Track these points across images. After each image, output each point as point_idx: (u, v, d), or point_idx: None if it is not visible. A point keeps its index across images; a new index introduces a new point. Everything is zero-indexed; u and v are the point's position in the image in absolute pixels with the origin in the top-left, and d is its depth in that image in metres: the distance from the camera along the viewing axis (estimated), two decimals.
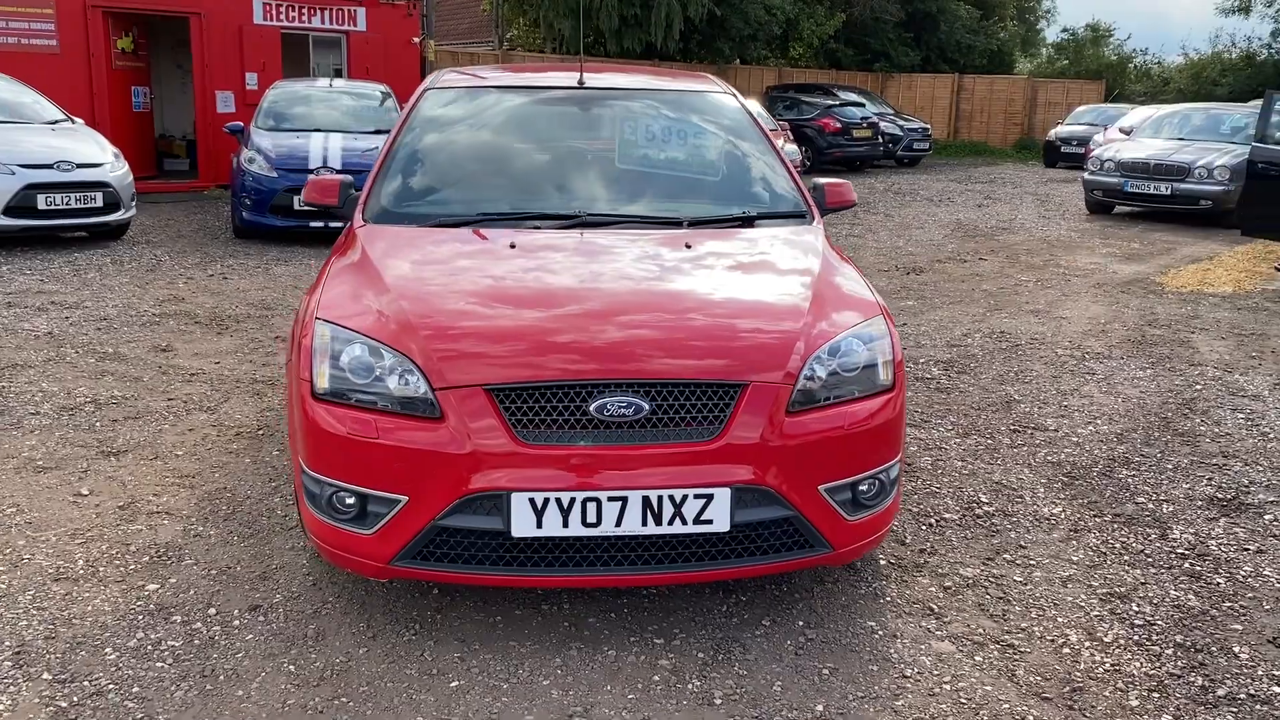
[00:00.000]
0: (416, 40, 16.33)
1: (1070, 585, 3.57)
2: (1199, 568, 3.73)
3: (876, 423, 3.16)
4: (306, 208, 10.07)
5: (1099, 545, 3.89)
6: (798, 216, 4.03)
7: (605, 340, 3.03)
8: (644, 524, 2.90)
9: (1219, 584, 3.61)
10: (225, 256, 9.58)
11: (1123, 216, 14.96)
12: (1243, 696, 2.95)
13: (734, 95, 4.72)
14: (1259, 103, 19.44)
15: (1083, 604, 3.45)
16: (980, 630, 3.26)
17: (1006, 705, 2.87)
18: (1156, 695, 2.94)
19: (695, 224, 3.87)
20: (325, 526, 3.10)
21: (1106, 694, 2.94)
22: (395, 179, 4.08)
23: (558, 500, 2.86)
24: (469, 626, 3.20)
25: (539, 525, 2.88)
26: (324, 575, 3.51)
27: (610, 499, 2.87)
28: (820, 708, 2.83)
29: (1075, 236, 12.81)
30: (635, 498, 2.88)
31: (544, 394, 2.91)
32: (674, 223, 3.88)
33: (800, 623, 3.26)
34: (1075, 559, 3.77)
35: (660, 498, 2.89)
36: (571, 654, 3.06)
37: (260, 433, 4.89)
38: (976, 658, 3.11)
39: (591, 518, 2.88)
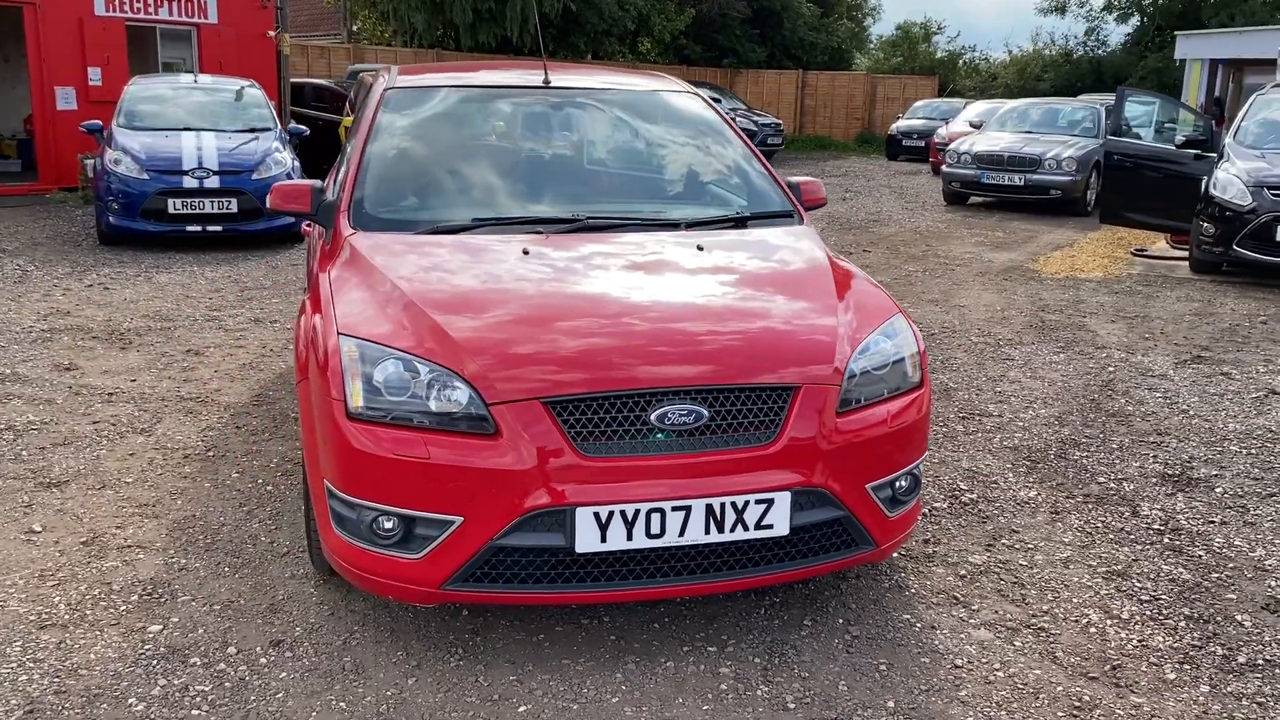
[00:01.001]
0: (272, 34, 15.65)
1: (1072, 566, 3.72)
2: (1177, 542, 3.95)
3: (912, 419, 3.21)
4: (183, 211, 9.57)
5: (1083, 526, 4.07)
6: (785, 216, 4.06)
7: (661, 347, 2.98)
8: (706, 532, 2.87)
9: (1200, 556, 3.83)
10: (98, 265, 8.96)
11: (978, 206, 15.68)
12: (1260, 662, 3.13)
13: (699, 95, 4.71)
14: (1088, 97, 20.75)
15: (1089, 584, 3.60)
16: (1009, 616, 3.36)
17: (1060, 687, 2.97)
18: (1188, 667, 3.09)
19: (692, 225, 3.84)
20: (362, 553, 2.94)
21: (1144, 669, 3.08)
22: (378, 184, 3.89)
23: (622, 513, 2.80)
24: (515, 647, 3.09)
25: (603, 540, 2.81)
26: (339, 603, 3.33)
27: (674, 509, 2.83)
28: (891, 704, 2.86)
29: (943, 227, 13.35)
30: (699, 506, 2.84)
31: (602, 404, 2.84)
32: (672, 224, 3.84)
33: (840, 621, 3.29)
34: (1067, 540, 3.94)
35: (723, 505, 2.86)
36: (630, 668, 3.00)
37: (210, 454, 4.61)
38: (1015, 643, 3.20)
39: (655, 529, 2.83)
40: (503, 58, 22.61)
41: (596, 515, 2.79)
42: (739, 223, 3.94)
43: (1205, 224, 9.62)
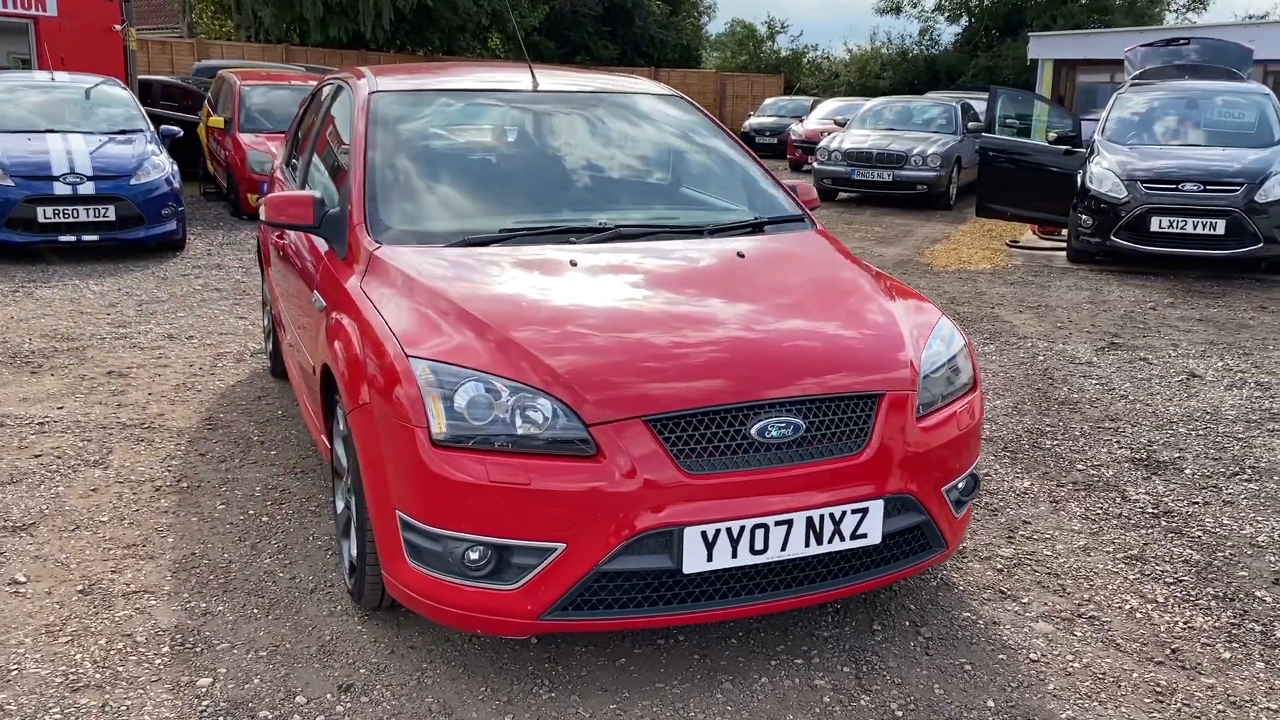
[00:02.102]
0: (118, 27, 14.71)
1: (1092, 554, 3.87)
2: (1174, 524, 4.15)
3: (976, 420, 3.27)
4: (55, 220, 8.91)
5: (1085, 514, 4.23)
6: (796, 220, 4.06)
7: (753, 359, 2.93)
8: (806, 545, 2.84)
9: (1200, 537, 4.05)
10: None
11: (847, 202, 16.15)
12: None
13: (685, 99, 4.67)
14: (935, 95, 21.65)
15: (1114, 570, 3.75)
16: (1058, 607, 3.46)
17: (1135, 674, 3.08)
18: (1237, 645, 3.25)
19: (715, 231, 3.80)
20: (445, 586, 2.79)
21: (1199, 649, 3.22)
22: (392, 195, 3.69)
23: (728, 531, 2.75)
24: (601, 674, 2.99)
25: (709, 559, 2.75)
26: (395, 640, 3.15)
27: (777, 523, 2.79)
28: (990, 703, 2.91)
29: (822, 222, 13.65)
30: (800, 519, 2.81)
31: (702, 420, 2.77)
32: (695, 230, 3.79)
33: (906, 623, 3.32)
34: (1076, 528, 4.09)
35: (822, 517, 2.84)
36: (727, 687, 2.95)
37: (183, 486, 4.28)
38: (1075, 633, 3.30)
39: (759, 545, 2.79)
40: (353, 52, 21.94)
41: (704, 534, 2.73)
42: (756, 228, 3.91)
43: (1083, 216, 10.16)
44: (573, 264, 3.33)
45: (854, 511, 2.87)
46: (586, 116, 4.34)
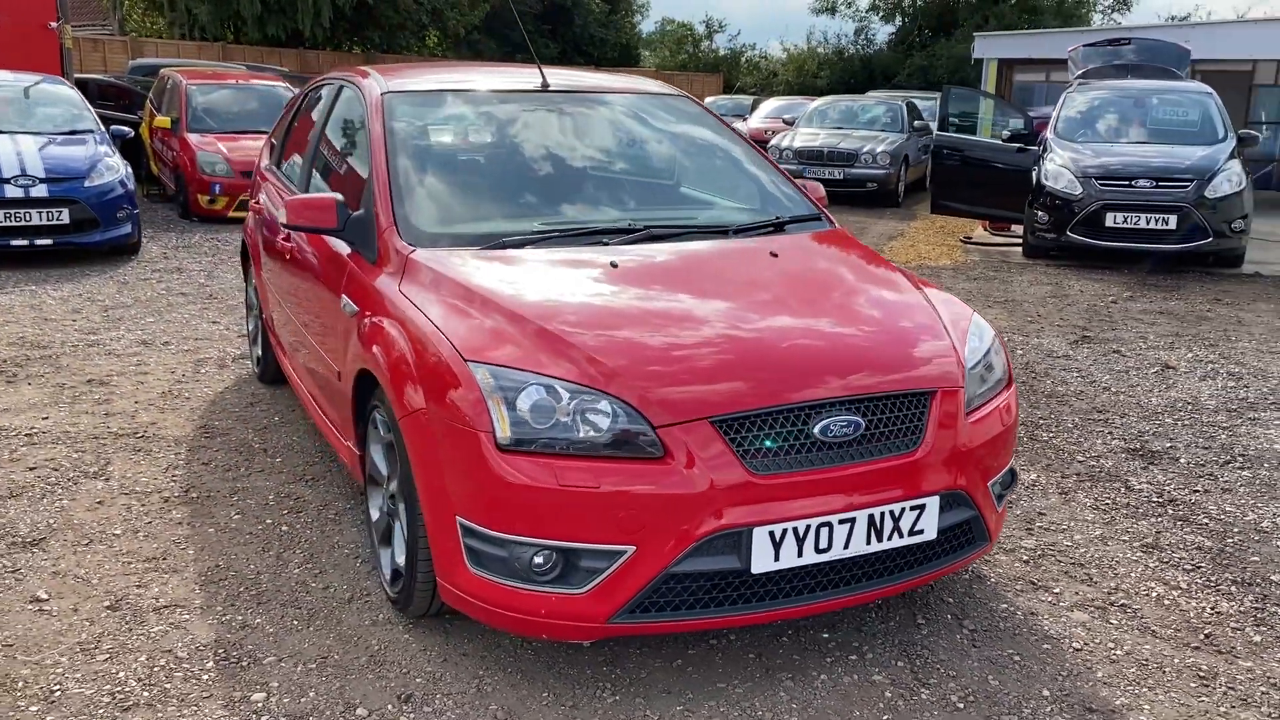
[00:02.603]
0: (54, 24, 14.28)
1: (1110, 543, 3.96)
2: (1180, 512, 4.27)
3: (1014, 415, 3.32)
4: (6, 224, 8.63)
5: (1094, 504, 4.33)
6: (814, 219, 4.09)
7: (811, 359, 2.95)
8: (868, 543, 2.87)
9: (1207, 524, 4.17)
10: None
11: None
12: None
13: (691, 98, 4.68)
14: (878, 94, 21.94)
15: (1133, 558, 3.84)
16: (1089, 596, 3.54)
17: (1176, 659, 3.16)
18: (1265, 629, 3.36)
19: (739, 231, 3.81)
20: (509, 591, 2.77)
21: (1230, 634, 3.32)
22: (420, 198, 3.65)
23: (794, 530, 2.76)
24: (661, 677, 2.99)
25: (776, 559, 2.76)
26: (446, 647, 3.11)
27: (840, 521, 2.81)
28: (1046, 693, 2.96)
29: None
30: (862, 517, 2.84)
31: (767, 420, 2.79)
32: (720, 230, 3.80)
33: (948, 616, 3.37)
34: (1089, 519, 4.18)
35: (882, 514, 2.87)
36: (788, 685, 2.96)
37: (193, 496, 4.18)
38: (1111, 621, 3.38)
39: (824, 543, 2.81)
40: (291, 50, 21.57)
41: (771, 534, 2.74)
42: (778, 227, 3.93)
43: (1039, 212, 10.39)
44: (613, 265, 3.32)
45: (912, 508, 2.91)
46: (602, 116, 4.32)
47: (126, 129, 10.76)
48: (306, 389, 4.38)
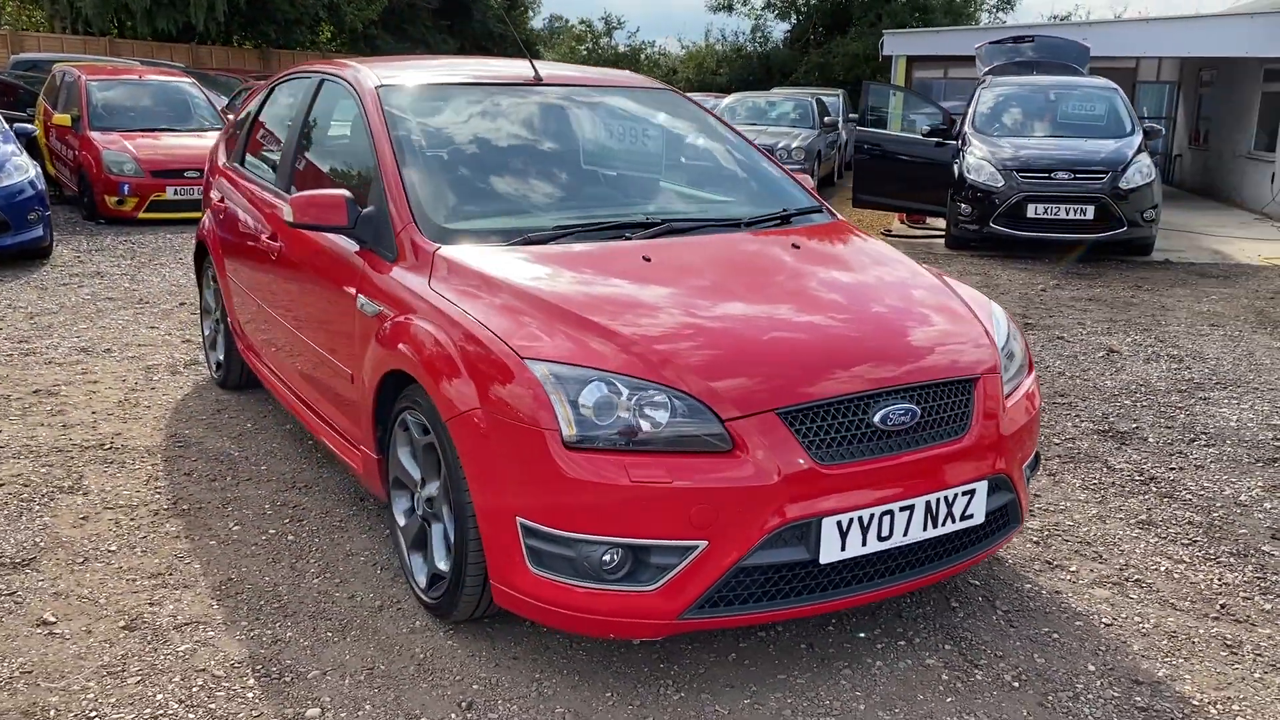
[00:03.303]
0: None
1: (1108, 521, 4.09)
2: (1164, 489, 4.44)
3: (1039, 399, 3.40)
4: None
5: (1083, 484, 4.47)
6: (815, 211, 4.12)
7: (865, 349, 2.97)
8: (925, 529, 2.91)
9: (1190, 499, 4.34)
10: None
11: None
12: None
13: (676, 91, 4.67)
14: (783, 90, 22.26)
15: (1134, 535, 3.98)
16: (1104, 574, 3.65)
17: (1201, 631, 3.28)
18: (1273, 596, 3.51)
19: (751, 224, 3.82)
20: (574, 591, 2.72)
21: (1242, 603, 3.46)
22: (436, 194, 3.55)
23: (859, 519, 2.78)
24: (720, 671, 2.98)
25: (843, 548, 2.78)
26: (494, 651, 3.05)
27: (901, 509, 2.84)
28: (1092, 668, 3.04)
29: None
30: (920, 504, 2.87)
31: (829, 411, 2.80)
32: (733, 223, 3.80)
33: (979, 598, 3.44)
34: (1083, 499, 4.31)
35: (938, 500, 2.91)
36: (846, 673, 2.98)
37: (184, 509, 4.00)
38: (1132, 596, 3.49)
39: (885, 531, 2.83)
40: (183, 45, 20.81)
41: (839, 524, 2.75)
42: (785, 219, 3.95)
43: (963, 205, 10.67)
44: (646, 259, 3.29)
45: (964, 493, 2.96)
46: (599, 110, 4.29)
47: (31, 126, 10.24)
48: (298, 394, 4.23)
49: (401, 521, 3.37)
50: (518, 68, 4.33)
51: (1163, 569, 3.69)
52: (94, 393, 5.38)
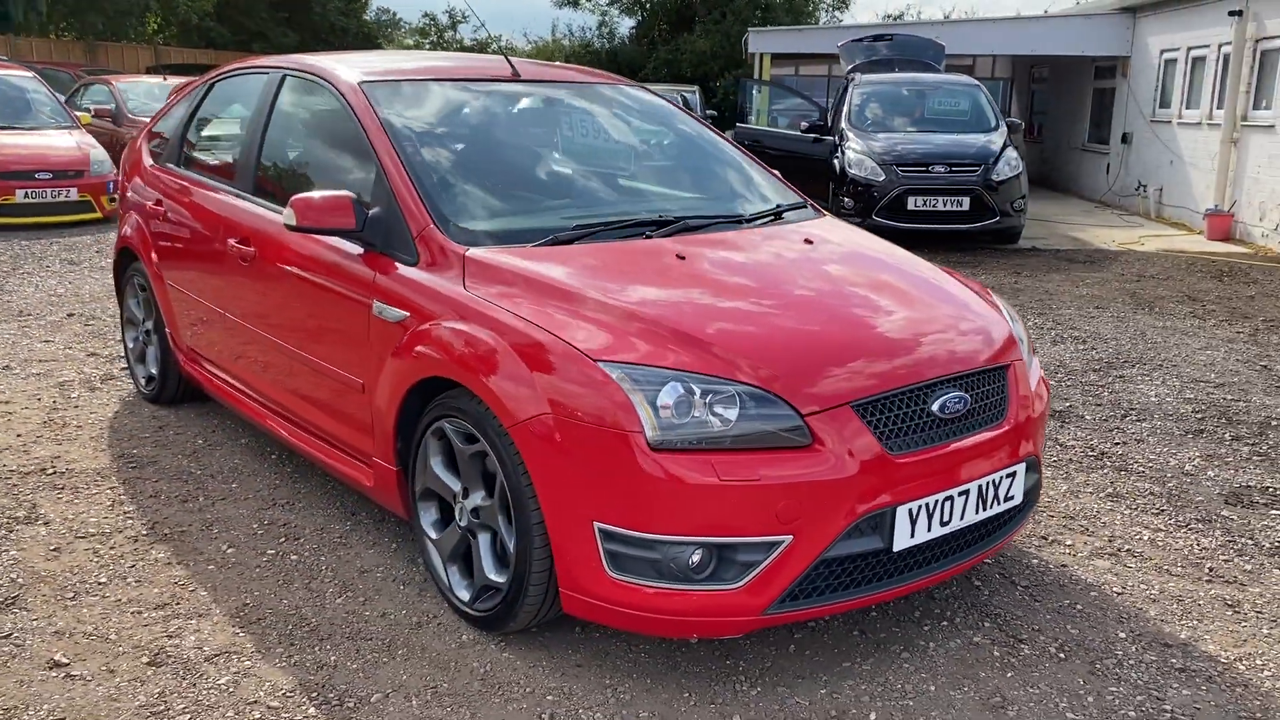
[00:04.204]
0: None
1: (1081, 496, 4.32)
2: (1116, 463, 4.71)
3: (1047, 383, 3.57)
4: None
5: (1047, 462, 4.69)
6: (801, 207, 4.19)
7: (920, 340, 3.04)
8: (977, 512, 3.01)
9: (1144, 471, 4.62)
10: None
11: None
12: None
13: (649, 89, 4.66)
14: (654, 88, 22.39)
15: (1107, 508, 4.21)
16: (1098, 545, 3.85)
17: (1201, 593, 3.51)
18: (1247, 557, 3.78)
19: (751, 220, 3.85)
20: (658, 594, 2.70)
21: (1225, 565, 3.71)
22: (451, 195, 3.44)
23: (926, 506, 2.86)
24: (786, 663, 3.01)
25: (913, 535, 2.85)
26: (556, 661, 2.99)
27: (959, 494, 2.94)
28: (1123, 634, 3.21)
29: None
30: (974, 489, 2.98)
31: (894, 402, 2.86)
32: (736, 219, 3.82)
33: (997, 575, 3.57)
34: (1050, 475, 4.53)
35: (988, 483, 3.02)
36: (906, 656, 3.05)
37: (164, 532, 3.76)
38: (1129, 565, 3.70)
39: (947, 516, 2.92)
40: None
41: (910, 512, 2.82)
42: (778, 215, 4.00)
43: (846, 199, 11.02)
44: (680, 257, 3.28)
45: (1007, 475, 3.08)
46: (585, 107, 4.24)
47: None
48: (275, 408, 4.02)
49: (433, 535, 3.26)
50: (491, 64, 4.25)
51: (1145, 538, 3.93)
52: (10, 414, 4.98)
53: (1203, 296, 8.79)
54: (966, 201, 10.59)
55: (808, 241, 3.64)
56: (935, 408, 2.91)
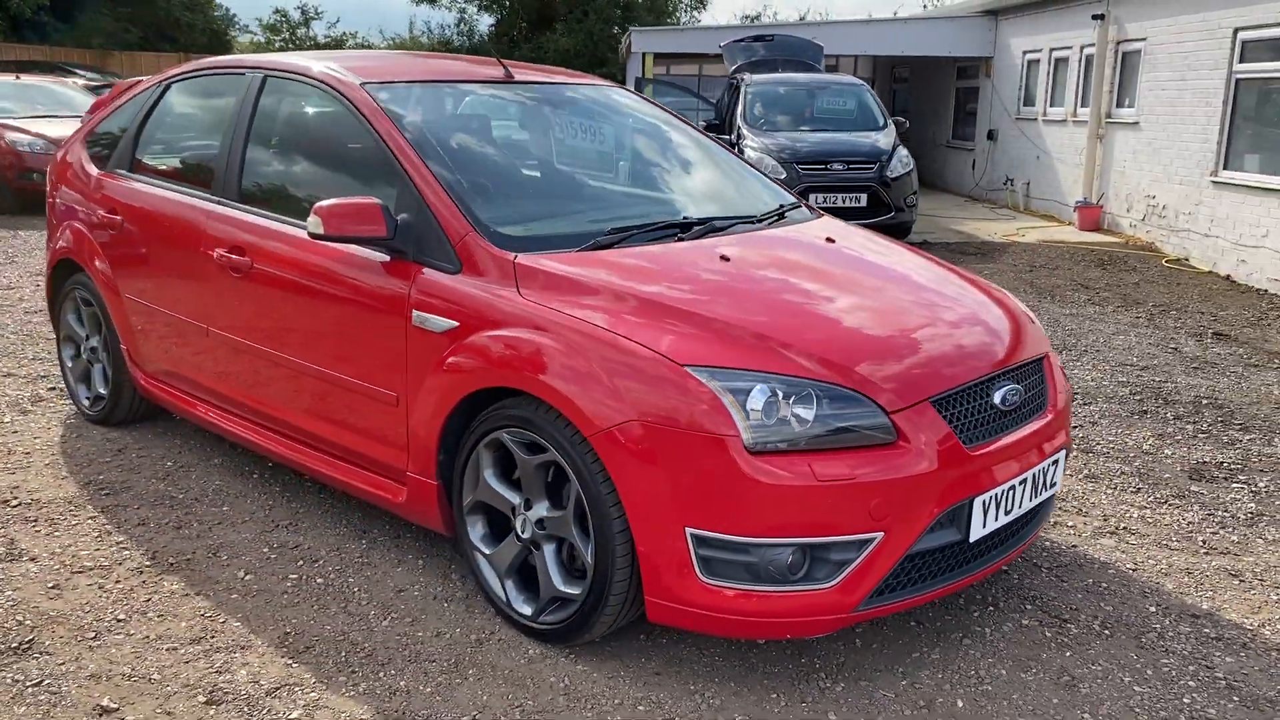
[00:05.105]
0: None
1: (1064, 477, 4.51)
2: (1082, 445, 4.94)
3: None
4: None
5: None
6: (796, 207, 4.25)
7: (981, 334, 3.13)
8: (1030, 499, 3.12)
9: (1108, 452, 4.87)
10: None
11: None
12: (1258, 512, 4.18)
13: (631, 90, 4.65)
14: None
15: (1091, 488, 4.41)
16: (1095, 526, 4.03)
17: (1202, 566, 3.72)
18: (1230, 529, 4.03)
19: (761, 219, 3.88)
20: (750, 596, 2.71)
21: (1214, 537, 3.94)
22: (487, 200, 3.35)
23: (995, 496, 2.95)
24: (858, 658, 3.05)
25: (984, 525, 2.94)
26: (631, 670, 2.95)
27: (1020, 482, 3.04)
28: (1153, 608, 3.38)
29: None
30: (1030, 476, 3.09)
31: (966, 395, 2.94)
32: (749, 219, 3.85)
33: (1021, 559, 3.70)
34: None
35: (1039, 472, 3.13)
36: (968, 644, 3.14)
37: (169, 562, 3.54)
38: (1131, 542, 3.89)
39: (1010, 505, 3.02)
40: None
41: (984, 503, 2.91)
42: (781, 214, 4.04)
43: None
44: (725, 259, 3.29)
45: (1052, 463, 3.20)
46: (585, 111, 4.18)
47: None
48: (273, 426, 3.83)
49: (486, 549, 3.18)
50: (483, 66, 4.16)
51: (1134, 515, 4.14)
52: None
53: (1094, 284, 9.29)
54: (864, 198, 10.90)
55: (830, 240, 3.69)
56: (997, 400, 3.00)
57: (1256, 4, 9.66)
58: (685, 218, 3.61)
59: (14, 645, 3.01)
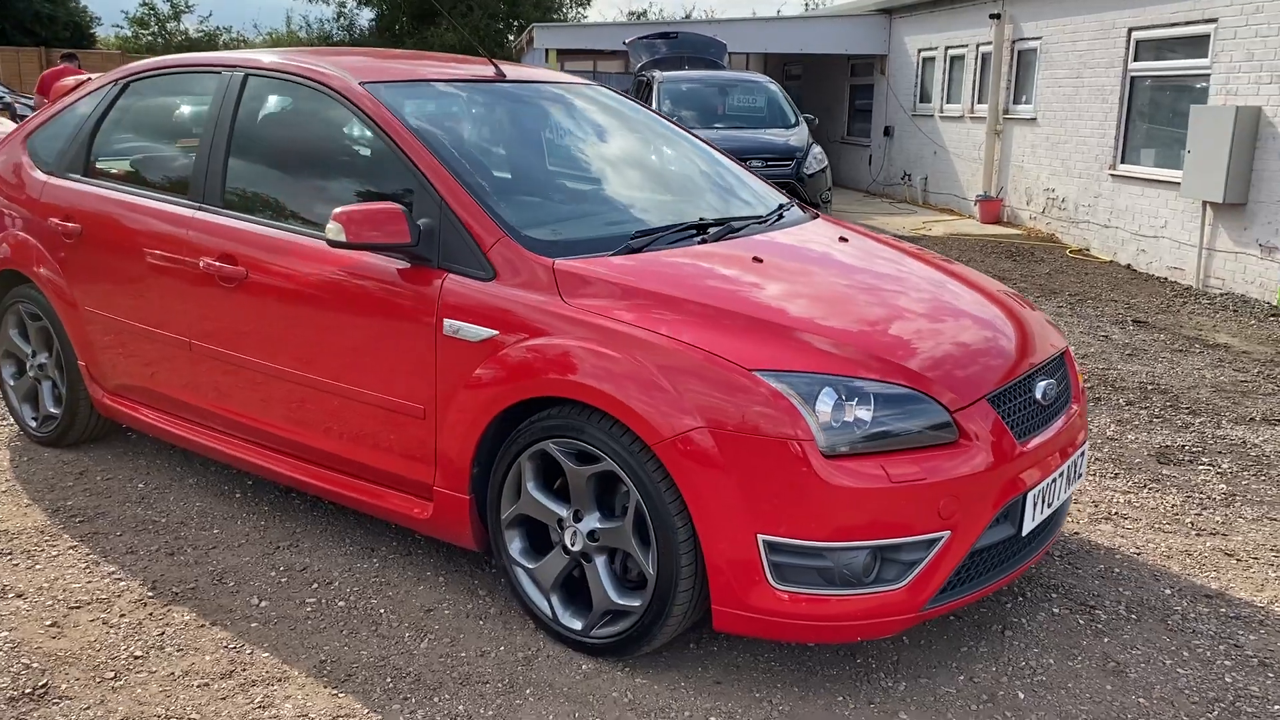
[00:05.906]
0: None
1: None
2: None
3: None
4: None
5: None
6: (791, 207, 4.25)
7: (1018, 330, 3.18)
8: (1065, 491, 3.19)
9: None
10: None
11: None
12: (1229, 493, 4.37)
13: (614, 89, 4.58)
14: None
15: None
16: (1090, 513, 4.15)
17: (1197, 547, 3.86)
18: (1211, 511, 4.20)
19: (765, 219, 3.88)
20: (822, 600, 2.70)
21: (1201, 519, 4.10)
22: (510, 204, 3.24)
23: (1042, 489, 3.00)
24: (910, 654, 3.07)
25: (1033, 518, 2.99)
26: (692, 679, 2.91)
27: (1059, 475, 3.11)
28: (1168, 591, 3.49)
29: None
30: (1066, 468, 3.15)
31: (1013, 392, 2.98)
32: (759, 219, 3.83)
33: None
34: None
35: (1072, 463, 3.21)
36: (1009, 635, 3.18)
37: (175, 591, 3.34)
38: (1128, 528, 4.01)
39: (1050, 498, 3.08)
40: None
41: (1034, 497, 2.95)
42: (780, 214, 4.04)
43: None
44: (757, 260, 3.26)
45: (1080, 455, 3.28)
46: (583, 111, 4.09)
47: None
48: (272, 443, 3.64)
49: (528, 564, 3.08)
50: (472, 65, 4.04)
51: (1121, 500, 4.28)
52: None
53: (1009, 276, 9.59)
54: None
55: (843, 240, 3.70)
56: (1038, 394, 3.05)
57: (1150, 5, 10.13)
58: (702, 219, 3.56)
59: (27, 691, 2.79)
